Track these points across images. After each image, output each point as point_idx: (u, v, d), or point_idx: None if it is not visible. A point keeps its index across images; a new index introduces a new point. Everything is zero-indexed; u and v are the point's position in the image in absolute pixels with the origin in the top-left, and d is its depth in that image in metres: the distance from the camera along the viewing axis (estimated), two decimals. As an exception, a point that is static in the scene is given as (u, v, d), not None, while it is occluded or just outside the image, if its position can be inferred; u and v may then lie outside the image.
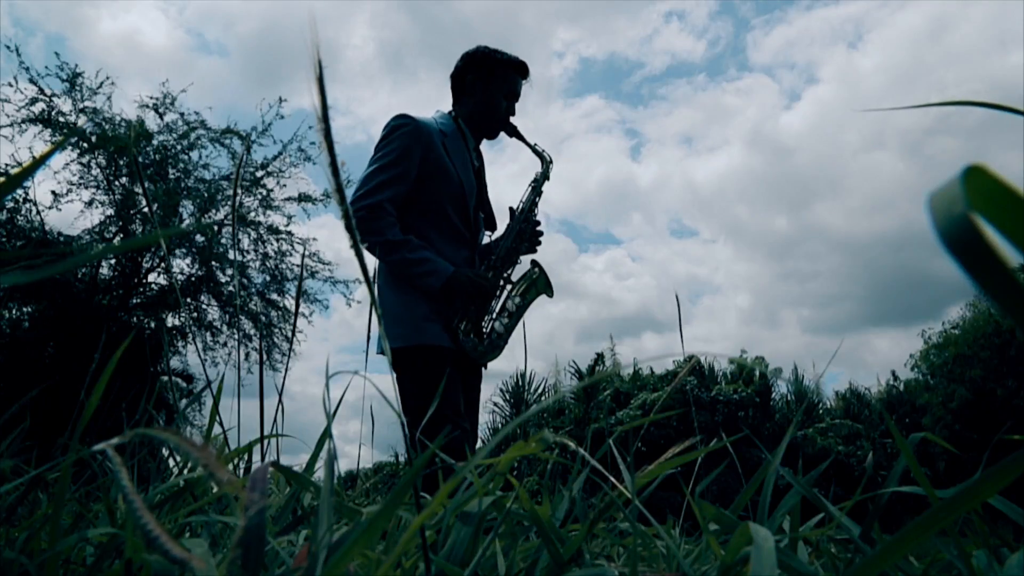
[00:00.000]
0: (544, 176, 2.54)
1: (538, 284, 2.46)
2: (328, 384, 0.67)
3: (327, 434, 0.71)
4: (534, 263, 2.47)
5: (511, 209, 2.52)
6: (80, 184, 11.45)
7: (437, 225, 2.33)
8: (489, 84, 2.45)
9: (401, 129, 2.26)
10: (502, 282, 2.43)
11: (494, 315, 2.38)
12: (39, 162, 0.46)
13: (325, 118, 0.44)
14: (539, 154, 2.56)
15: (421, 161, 2.26)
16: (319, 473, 1.09)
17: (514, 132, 2.53)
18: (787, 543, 0.78)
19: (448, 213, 2.34)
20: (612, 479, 0.79)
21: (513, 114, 2.52)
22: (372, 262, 2.32)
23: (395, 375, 2.23)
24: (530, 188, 2.53)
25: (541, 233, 2.52)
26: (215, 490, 0.91)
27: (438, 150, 2.30)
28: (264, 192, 12.38)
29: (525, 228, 2.48)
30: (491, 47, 2.48)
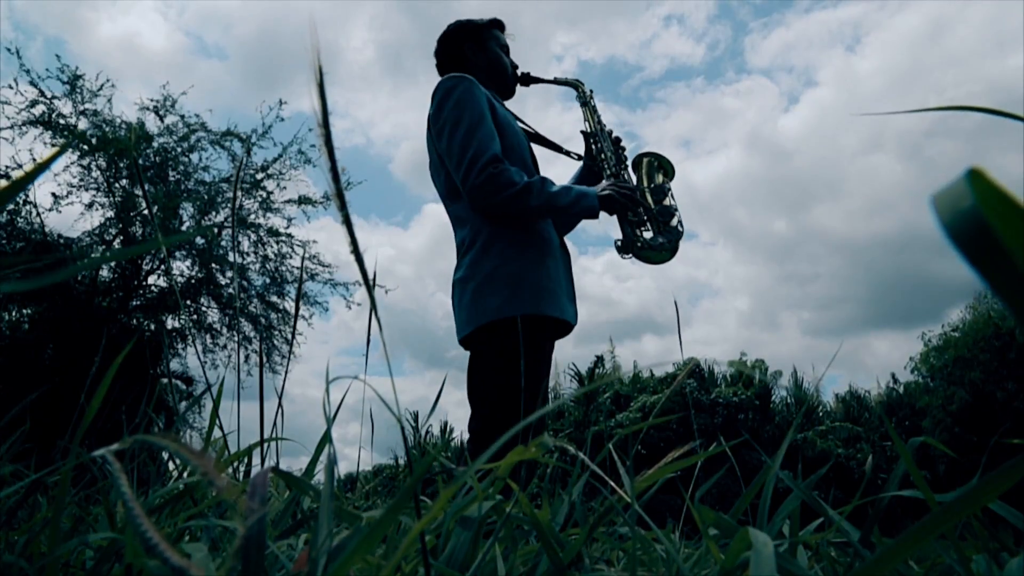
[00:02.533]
0: (586, 96, 2.49)
1: (663, 163, 2.34)
2: (328, 389, 0.67)
3: (327, 438, 0.71)
4: (638, 157, 2.36)
5: (584, 132, 2.46)
6: (80, 186, 11.45)
7: None
8: (485, 47, 2.40)
9: (464, 86, 2.13)
10: (633, 179, 2.33)
11: (654, 206, 2.26)
12: (42, 167, 0.46)
13: (326, 124, 0.44)
14: (566, 83, 2.52)
15: (493, 118, 2.15)
16: (319, 476, 1.09)
17: (530, 79, 2.49)
18: (787, 547, 0.78)
19: (527, 162, 2.22)
20: (612, 483, 0.79)
21: (516, 66, 2.48)
22: (371, 266, 2.27)
23: (480, 359, 2.05)
24: (587, 110, 2.47)
25: (620, 139, 2.45)
26: (214, 494, 0.90)
27: (495, 108, 2.20)
28: (264, 194, 12.38)
29: (609, 136, 2.43)
30: (461, 19, 2.46)
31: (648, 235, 2.21)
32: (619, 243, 2.20)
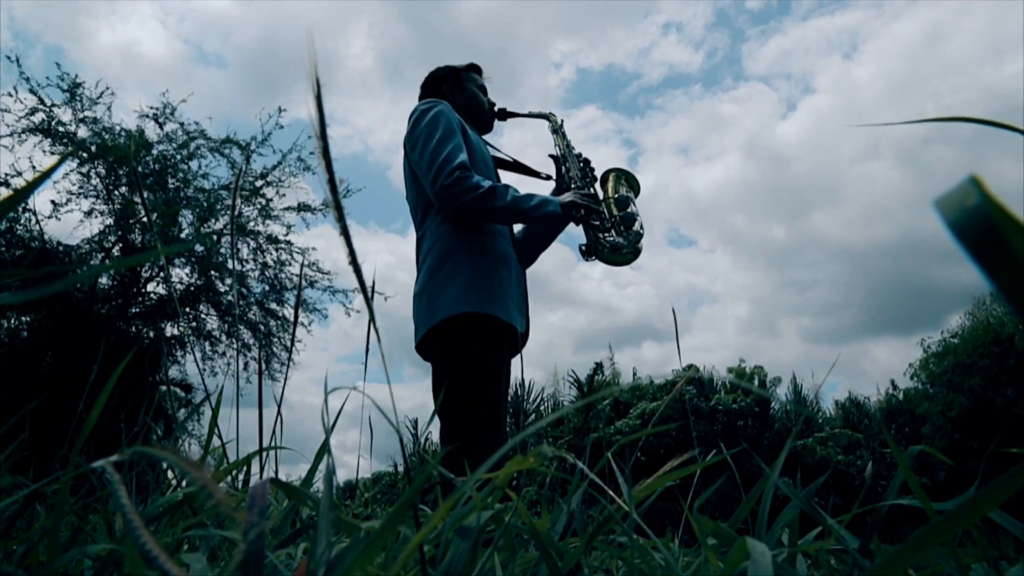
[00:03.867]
0: (557, 124, 2.67)
1: (628, 178, 2.49)
2: (327, 399, 0.67)
3: (325, 449, 0.71)
4: (605, 172, 2.51)
5: (553, 156, 2.63)
6: (80, 194, 11.44)
7: None
8: (463, 87, 2.60)
9: (438, 108, 2.27)
10: (594, 192, 2.46)
11: (615, 212, 2.37)
12: (43, 176, 0.46)
13: (323, 135, 0.44)
14: (538, 116, 2.71)
15: (464, 140, 2.28)
16: (318, 485, 1.09)
17: (505, 114, 2.67)
18: (786, 556, 0.78)
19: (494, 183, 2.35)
20: (610, 492, 0.79)
21: (494, 104, 2.67)
22: (369, 273, 2.28)
23: (439, 358, 2.13)
24: (557, 137, 2.64)
25: (589, 160, 2.58)
26: (212, 505, 0.90)
27: (467, 132, 2.34)
28: (263, 202, 12.38)
29: (578, 159, 2.56)
30: (442, 65, 2.66)
31: (611, 238, 2.31)
32: (583, 247, 2.30)
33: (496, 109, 2.66)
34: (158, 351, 11.55)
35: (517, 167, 2.67)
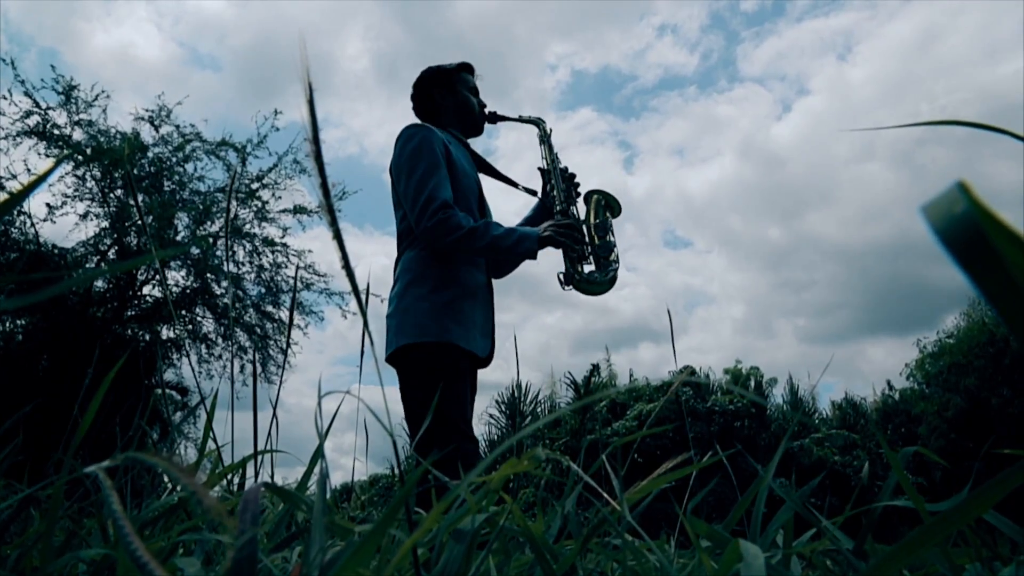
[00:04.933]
0: (546, 134, 2.70)
1: (609, 201, 2.56)
2: (320, 403, 0.67)
3: (319, 454, 0.71)
4: (588, 193, 2.58)
5: (540, 169, 2.68)
6: (75, 196, 11.42)
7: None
8: (454, 90, 2.63)
9: (423, 135, 2.34)
10: (579, 216, 2.54)
11: (596, 241, 2.47)
12: (39, 180, 0.46)
13: (316, 140, 0.44)
14: (528, 121, 2.74)
15: (446, 161, 2.35)
16: (313, 488, 1.09)
17: (495, 117, 2.71)
18: (780, 558, 0.79)
19: (472, 207, 2.42)
20: (605, 495, 0.79)
21: (484, 105, 2.70)
22: (364, 276, 2.32)
23: (403, 377, 2.26)
24: (544, 147, 2.68)
25: (574, 175, 2.66)
26: (202, 512, 0.90)
27: (450, 153, 2.40)
28: (259, 204, 12.37)
29: (563, 174, 2.62)
30: (433, 65, 2.69)
31: (588, 269, 2.42)
32: (561, 276, 2.40)
33: (487, 112, 2.69)
34: (154, 354, 11.52)
35: (503, 179, 2.73)
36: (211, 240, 11.94)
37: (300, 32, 0.46)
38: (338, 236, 0.45)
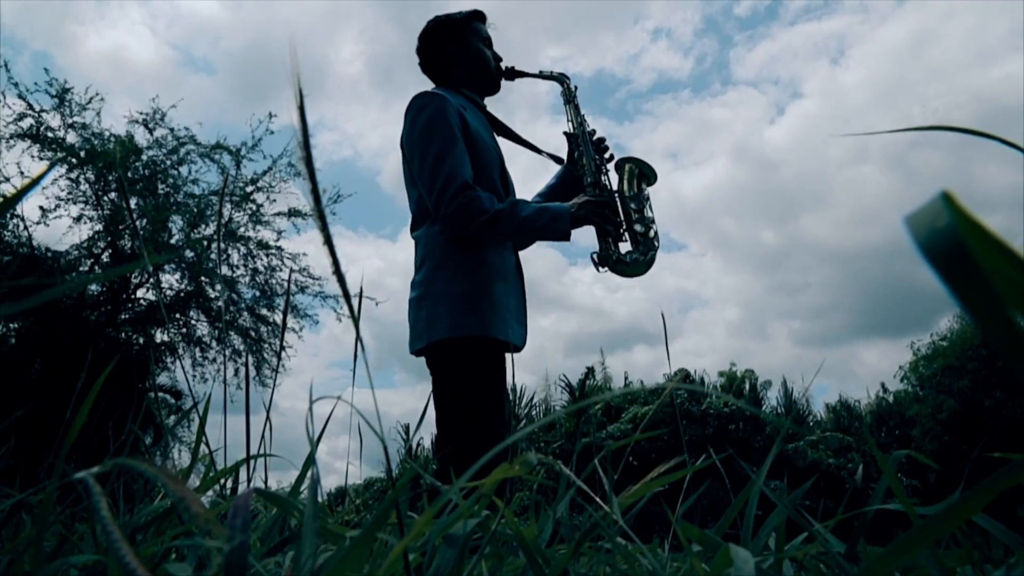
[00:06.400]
0: (570, 92, 2.45)
1: (644, 170, 2.30)
2: (311, 408, 0.67)
3: (311, 460, 0.71)
4: (620, 162, 2.32)
5: (566, 133, 2.43)
6: (69, 199, 11.38)
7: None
8: (467, 43, 2.36)
9: (436, 104, 2.11)
10: (612, 189, 2.29)
11: (632, 216, 2.23)
12: (32, 183, 0.46)
13: (307, 146, 0.44)
14: (550, 77, 2.48)
15: (463, 133, 2.12)
16: (305, 493, 1.08)
17: (513, 73, 2.44)
18: (772, 562, 0.79)
19: (495, 180, 2.20)
20: (597, 500, 0.79)
21: (500, 59, 2.44)
22: (358, 279, 2.23)
23: (436, 376, 2.04)
24: (569, 108, 2.43)
25: (604, 139, 2.41)
26: (191, 519, 0.90)
27: (467, 122, 2.17)
28: (254, 207, 12.35)
29: (590, 139, 2.38)
30: (440, 14, 2.42)
31: (625, 248, 2.20)
32: (595, 256, 2.19)
33: (504, 68, 2.42)
34: (147, 357, 11.49)
35: (525, 144, 2.49)
36: (205, 243, 11.92)
37: (291, 39, 0.46)
38: (329, 242, 0.45)
